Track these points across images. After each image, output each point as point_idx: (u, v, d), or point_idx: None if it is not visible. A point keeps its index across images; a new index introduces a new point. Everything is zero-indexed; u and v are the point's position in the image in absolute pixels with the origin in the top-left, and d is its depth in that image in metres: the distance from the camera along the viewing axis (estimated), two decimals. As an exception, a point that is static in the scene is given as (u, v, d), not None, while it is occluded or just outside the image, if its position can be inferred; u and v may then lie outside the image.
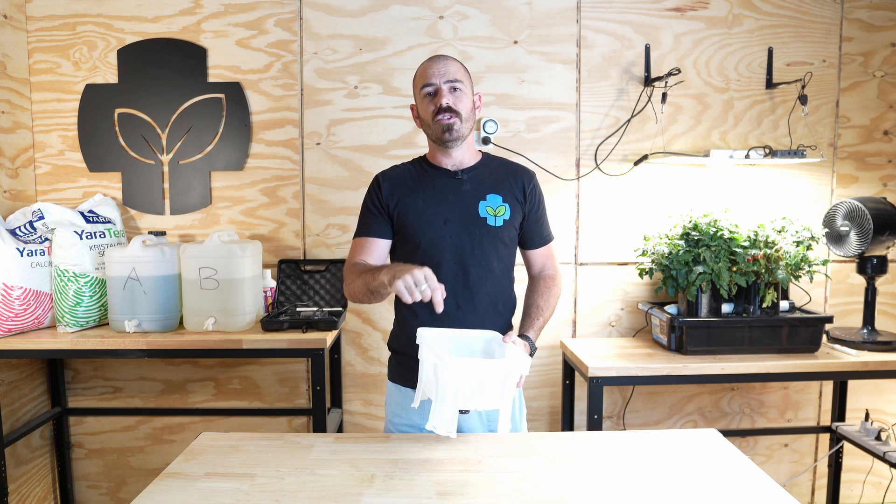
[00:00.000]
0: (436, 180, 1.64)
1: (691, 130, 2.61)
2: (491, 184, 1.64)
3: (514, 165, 1.72)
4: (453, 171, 1.64)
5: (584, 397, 2.56)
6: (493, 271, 1.62)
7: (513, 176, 1.68)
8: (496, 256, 1.62)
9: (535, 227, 1.70)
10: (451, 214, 1.59)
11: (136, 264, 2.23)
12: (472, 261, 1.59)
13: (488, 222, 1.60)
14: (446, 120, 1.56)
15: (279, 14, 2.54)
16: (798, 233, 2.27)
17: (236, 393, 2.67)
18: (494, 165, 1.69)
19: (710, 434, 1.51)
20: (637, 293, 2.66)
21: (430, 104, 1.58)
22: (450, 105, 1.55)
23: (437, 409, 1.27)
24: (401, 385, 1.67)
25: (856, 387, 2.71)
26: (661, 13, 2.57)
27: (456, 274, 1.58)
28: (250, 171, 2.59)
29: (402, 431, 1.65)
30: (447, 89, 1.57)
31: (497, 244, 1.61)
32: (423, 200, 1.61)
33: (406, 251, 1.62)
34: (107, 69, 2.56)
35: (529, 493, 1.20)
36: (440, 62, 1.59)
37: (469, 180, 1.63)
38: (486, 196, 1.62)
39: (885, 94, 2.64)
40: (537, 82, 2.58)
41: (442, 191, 1.62)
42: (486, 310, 1.62)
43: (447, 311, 1.56)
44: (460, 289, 1.59)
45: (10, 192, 2.44)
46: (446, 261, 1.58)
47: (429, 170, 1.66)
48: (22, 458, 2.48)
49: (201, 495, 1.20)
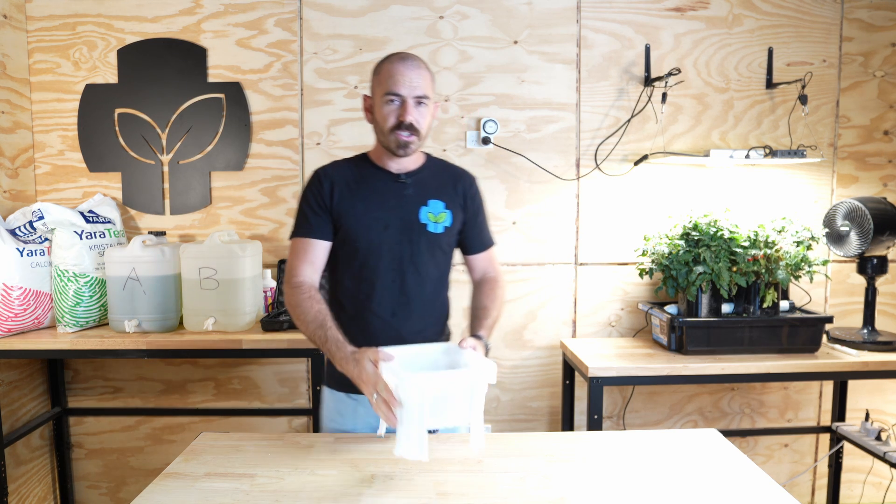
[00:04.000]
0: (378, 183, 1.58)
1: (691, 130, 2.61)
2: (434, 189, 1.60)
3: (456, 169, 1.70)
4: (396, 175, 1.59)
5: (584, 397, 2.56)
6: (430, 278, 1.59)
7: (455, 180, 1.65)
8: (433, 263, 1.59)
9: (476, 233, 1.68)
10: (391, 220, 1.55)
11: (135, 264, 2.23)
12: (410, 268, 1.56)
13: (428, 229, 1.56)
14: (405, 138, 1.50)
15: (279, 14, 2.54)
16: (798, 233, 2.27)
17: (236, 393, 2.67)
18: (437, 169, 1.66)
19: (711, 434, 1.51)
20: (637, 293, 2.66)
21: (392, 115, 1.50)
22: (412, 123, 1.49)
23: (404, 433, 1.20)
24: (335, 390, 1.62)
25: (856, 387, 2.71)
26: (661, 13, 2.57)
27: (393, 280, 1.55)
28: (250, 171, 2.59)
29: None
30: (413, 103, 1.49)
31: (435, 251, 1.59)
32: (364, 204, 1.55)
33: (344, 255, 1.58)
34: (107, 69, 2.56)
35: (529, 493, 1.20)
36: (412, 69, 1.49)
37: (412, 185, 1.59)
38: (427, 202, 1.58)
39: (886, 94, 2.64)
40: (537, 82, 2.58)
41: (384, 195, 1.57)
42: (420, 316, 1.59)
43: (383, 318, 1.56)
44: (397, 295, 1.56)
45: (10, 192, 2.44)
46: (384, 266, 1.55)
47: (371, 170, 1.60)
48: (22, 459, 2.47)
49: (201, 495, 1.20)
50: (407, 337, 1.54)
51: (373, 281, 1.55)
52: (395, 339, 1.53)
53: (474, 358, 1.36)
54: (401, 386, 1.19)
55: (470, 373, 1.28)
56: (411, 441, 1.19)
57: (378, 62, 1.56)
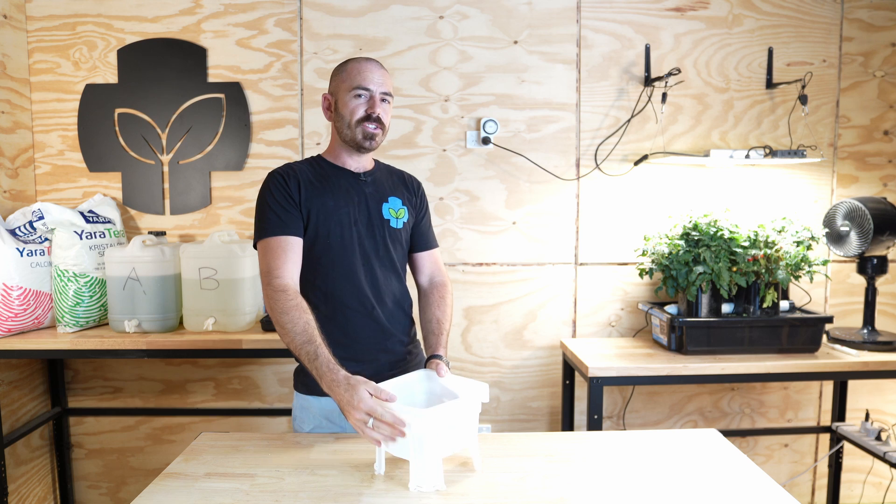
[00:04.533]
0: (340, 180, 1.61)
1: (691, 130, 2.61)
2: (389, 187, 1.67)
3: (402, 172, 1.77)
4: (357, 173, 1.63)
5: (584, 397, 2.56)
6: (397, 271, 1.66)
7: (405, 182, 1.73)
8: (397, 257, 1.65)
9: (422, 231, 1.74)
10: (358, 215, 1.59)
11: (135, 264, 2.23)
12: (377, 262, 1.60)
13: (391, 224, 1.62)
14: (372, 129, 1.56)
15: (279, 14, 2.54)
16: (798, 233, 2.27)
17: (236, 393, 2.67)
18: (388, 171, 1.73)
19: (710, 434, 1.51)
20: (637, 293, 2.66)
21: (361, 107, 1.55)
22: (380, 116, 1.56)
23: (420, 466, 1.21)
24: (306, 395, 1.62)
25: (856, 387, 2.71)
26: (661, 13, 2.57)
27: (366, 274, 1.59)
28: (250, 171, 2.59)
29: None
30: (379, 99, 1.57)
31: (397, 245, 1.64)
32: (333, 200, 1.56)
33: (315, 253, 1.56)
34: (107, 69, 2.56)
35: (529, 493, 1.20)
36: (378, 70, 1.58)
37: (371, 183, 1.64)
38: (387, 198, 1.64)
39: (886, 94, 2.64)
40: (537, 82, 2.58)
41: (349, 191, 1.60)
42: (392, 309, 1.63)
43: (362, 313, 1.57)
44: (371, 289, 1.59)
45: (10, 192, 2.44)
46: (356, 261, 1.57)
47: (332, 169, 1.62)
48: (22, 458, 2.47)
49: (201, 495, 1.20)
50: (387, 328, 1.60)
51: (347, 276, 1.57)
52: (377, 332, 1.59)
53: (462, 382, 1.37)
54: (415, 422, 1.19)
55: (470, 398, 1.29)
56: (428, 473, 1.21)
57: (340, 63, 1.63)
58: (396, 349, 1.64)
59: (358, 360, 1.55)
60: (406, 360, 1.66)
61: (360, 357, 1.57)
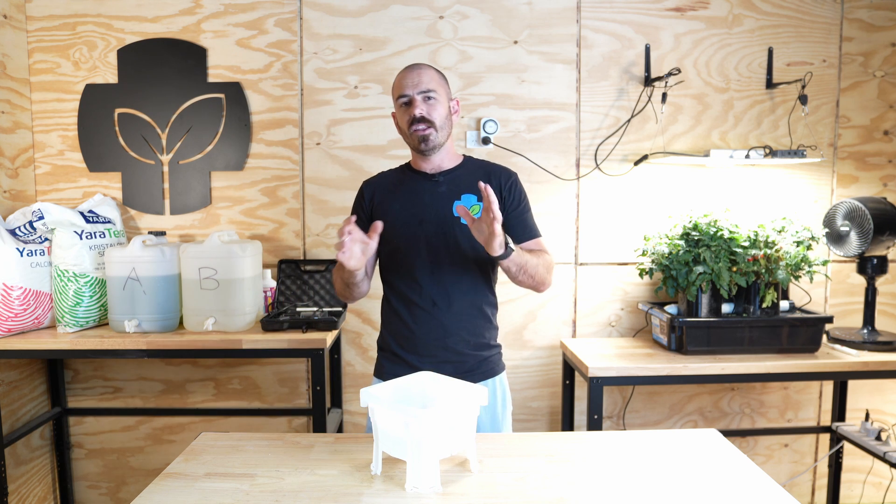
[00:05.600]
0: (414, 184, 1.70)
1: (691, 130, 2.61)
2: (467, 185, 1.68)
3: (493, 166, 1.75)
4: (431, 174, 1.69)
5: (584, 397, 2.56)
6: (469, 270, 1.66)
7: (490, 176, 1.71)
8: (471, 255, 1.65)
9: (518, 223, 1.71)
10: (426, 215, 1.65)
11: (135, 264, 2.23)
12: (446, 259, 1.64)
13: (462, 221, 1.62)
14: (421, 131, 1.61)
15: (279, 14, 2.54)
16: (798, 233, 2.27)
17: (236, 393, 2.67)
18: (473, 168, 1.73)
19: (710, 434, 1.51)
20: (637, 293, 2.66)
21: (405, 114, 1.63)
22: (423, 115, 1.60)
23: (417, 467, 1.21)
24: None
25: (856, 387, 2.71)
26: (661, 13, 2.57)
27: (432, 272, 1.65)
28: (250, 171, 2.59)
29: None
30: (420, 99, 1.61)
31: (473, 242, 1.62)
32: (400, 203, 1.68)
33: (386, 252, 1.69)
34: (107, 69, 2.56)
35: (529, 493, 1.20)
36: (414, 72, 1.63)
37: (445, 182, 1.68)
38: (460, 196, 1.66)
39: (886, 94, 2.64)
40: (537, 82, 2.58)
41: (419, 193, 1.68)
42: (461, 308, 1.66)
43: (425, 308, 1.64)
44: (436, 286, 1.64)
45: (10, 192, 2.44)
46: (422, 259, 1.64)
47: (409, 174, 1.73)
48: (22, 458, 2.48)
49: (201, 495, 1.20)
50: (449, 326, 1.63)
51: (413, 274, 1.65)
52: (438, 328, 1.64)
53: (461, 385, 1.36)
54: (413, 423, 1.19)
55: (470, 399, 1.28)
56: (423, 474, 1.20)
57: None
58: (460, 348, 1.65)
59: (419, 354, 1.65)
60: (472, 364, 1.65)
61: (420, 351, 1.65)
